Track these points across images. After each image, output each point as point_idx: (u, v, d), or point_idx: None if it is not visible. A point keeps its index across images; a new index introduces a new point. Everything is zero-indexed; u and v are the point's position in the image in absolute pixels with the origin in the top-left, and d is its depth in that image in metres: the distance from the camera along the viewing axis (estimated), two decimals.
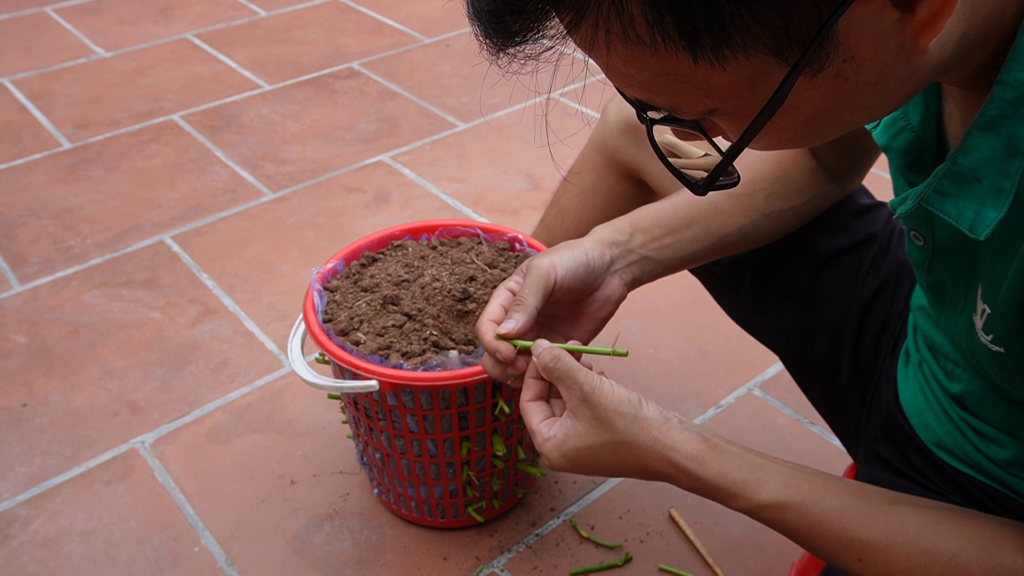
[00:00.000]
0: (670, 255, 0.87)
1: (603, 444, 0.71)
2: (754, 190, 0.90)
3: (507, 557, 1.19)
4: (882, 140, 0.68)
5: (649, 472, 0.71)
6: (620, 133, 1.11)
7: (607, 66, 0.51)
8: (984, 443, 0.75)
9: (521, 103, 2.26)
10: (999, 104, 0.54)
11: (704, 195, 0.59)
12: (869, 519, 0.67)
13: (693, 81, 0.49)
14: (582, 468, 0.73)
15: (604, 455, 0.72)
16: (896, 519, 0.66)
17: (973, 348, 0.66)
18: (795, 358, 1.03)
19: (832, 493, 0.68)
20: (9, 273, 1.70)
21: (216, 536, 1.22)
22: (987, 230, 0.56)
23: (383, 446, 1.12)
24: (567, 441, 0.72)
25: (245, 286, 1.67)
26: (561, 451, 0.72)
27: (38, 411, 1.41)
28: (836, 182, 0.93)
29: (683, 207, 0.89)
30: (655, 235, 0.87)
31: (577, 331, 0.85)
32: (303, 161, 2.04)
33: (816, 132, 0.54)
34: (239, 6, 2.79)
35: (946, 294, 0.70)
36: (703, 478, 0.69)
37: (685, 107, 0.52)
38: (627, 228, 0.86)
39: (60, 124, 2.18)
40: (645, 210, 0.89)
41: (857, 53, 0.47)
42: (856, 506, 0.68)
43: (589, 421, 0.71)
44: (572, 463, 0.73)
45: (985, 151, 0.55)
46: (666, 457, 0.70)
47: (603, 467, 0.73)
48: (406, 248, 1.21)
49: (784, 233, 0.94)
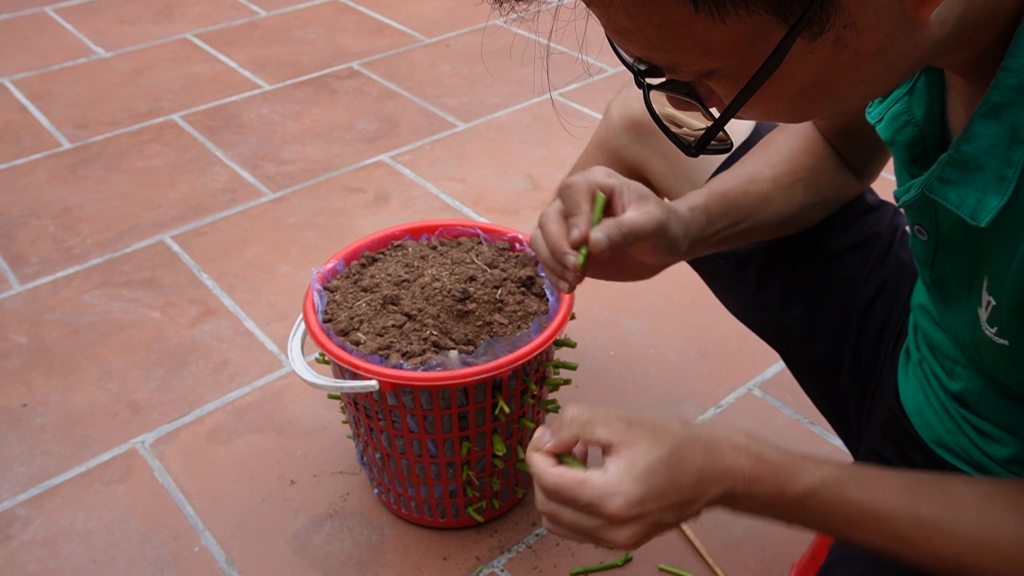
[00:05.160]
0: (717, 240, 0.86)
1: (671, 452, 0.64)
2: (796, 180, 0.89)
3: (507, 557, 1.19)
4: (886, 134, 0.68)
5: (714, 472, 0.65)
6: (623, 131, 1.11)
7: (609, 19, 0.50)
8: (984, 441, 0.75)
9: (521, 103, 2.26)
10: (1002, 91, 0.54)
11: (695, 156, 0.58)
12: (932, 496, 0.64)
13: (692, 36, 0.49)
14: (658, 495, 0.63)
15: (673, 465, 0.64)
16: (955, 496, 0.64)
17: (976, 343, 0.66)
18: (796, 356, 1.03)
19: (885, 474, 0.66)
20: (9, 273, 1.70)
21: (216, 536, 1.22)
22: (988, 217, 0.56)
23: (383, 446, 1.12)
24: (634, 465, 0.63)
25: (245, 286, 1.67)
26: (634, 474, 0.62)
27: (38, 411, 1.41)
28: (856, 175, 0.93)
29: (742, 196, 0.86)
30: (722, 225, 0.85)
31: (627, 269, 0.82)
32: (303, 161, 2.04)
33: (812, 102, 0.54)
34: (239, 6, 2.79)
35: (950, 289, 0.70)
36: (765, 456, 0.66)
37: (683, 65, 0.52)
38: (702, 218, 0.84)
39: (60, 124, 2.18)
40: (718, 194, 0.86)
41: (858, 19, 0.47)
42: (915, 484, 0.65)
43: (645, 436, 0.64)
44: (648, 490, 0.62)
45: (988, 138, 0.56)
46: (727, 442, 0.66)
47: (675, 485, 0.64)
48: (406, 248, 1.21)
49: (810, 225, 0.94)
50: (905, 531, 0.65)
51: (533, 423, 1.14)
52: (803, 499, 0.66)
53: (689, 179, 1.04)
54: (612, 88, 2.30)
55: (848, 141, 0.90)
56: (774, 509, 0.67)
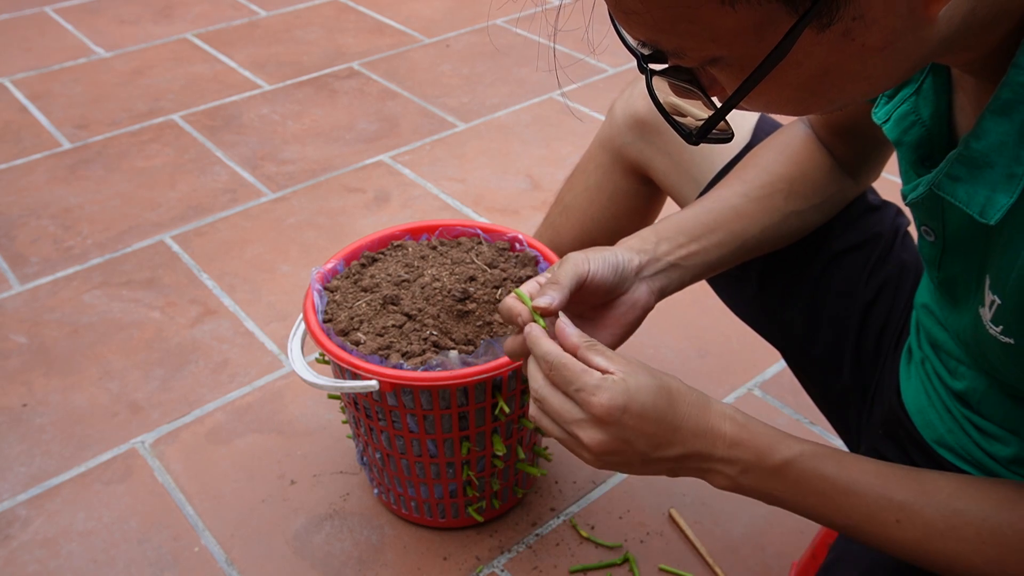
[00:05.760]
0: (697, 261, 0.87)
1: (661, 387, 0.68)
2: (773, 191, 0.90)
3: (507, 557, 1.19)
4: (893, 135, 0.68)
5: (697, 426, 0.68)
6: (627, 129, 1.11)
7: (617, 1, 0.51)
8: (986, 441, 0.75)
9: (521, 103, 2.26)
10: (1014, 88, 0.54)
11: (697, 144, 0.58)
12: (904, 481, 0.67)
13: (701, 20, 0.49)
14: (638, 414, 0.66)
15: (661, 397, 0.67)
16: (928, 483, 0.67)
17: (980, 342, 0.66)
18: (797, 355, 1.03)
19: (863, 459, 0.69)
20: (9, 273, 1.70)
21: (216, 536, 1.22)
22: (998, 215, 0.56)
23: (383, 446, 1.12)
24: (627, 381, 0.66)
25: (245, 286, 1.67)
26: (624, 386, 0.66)
27: (38, 411, 1.41)
28: (852, 177, 0.93)
29: (704, 214, 0.89)
30: (680, 242, 0.86)
31: (604, 335, 0.83)
32: (303, 161, 2.04)
33: (814, 97, 0.54)
34: (239, 6, 2.79)
35: (958, 289, 0.70)
36: (749, 426, 0.69)
37: (689, 51, 0.52)
38: (652, 237, 0.86)
39: (60, 124, 2.18)
40: (668, 220, 0.89)
41: (867, 13, 0.47)
42: (889, 469, 0.68)
43: (645, 368, 0.69)
44: (631, 403, 0.66)
45: (998, 136, 0.55)
46: (716, 406, 0.69)
47: (657, 414, 0.67)
48: (406, 248, 1.21)
49: (807, 231, 0.94)
50: (875, 511, 0.67)
51: (533, 423, 1.14)
52: (780, 468, 0.68)
53: (692, 177, 1.04)
54: (612, 88, 2.30)
55: (845, 140, 0.90)
56: (752, 478, 0.69)
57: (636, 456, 0.68)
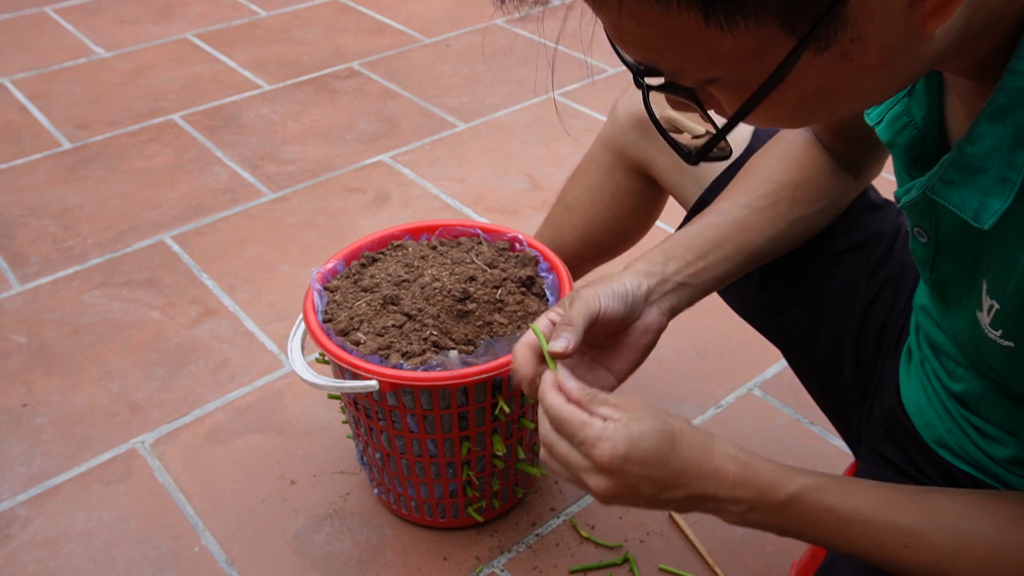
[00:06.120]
0: (706, 277, 0.87)
1: (664, 431, 0.68)
2: (777, 199, 0.90)
3: (507, 557, 1.19)
4: (886, 136, 0.68)
5: (700, 468, 0.69)
6: (630, 129, 1.11)
7: (615, 24, 0.50)
8: (985, 441, 0.75)
9: (521, 103, 2.26)
10: (1008, 92, 0.54)
11: (696, 164, 0.58)
12: (909, 504, 0.67)
13: (699, 45, 0.49)
14: (641, 461, 0.67)
15: (664, 442, 0.68)
16: (933, 504, 0.67)
17: (978, 345, 0.66)
18: (798, 354, 1.03)
19: (866, 484, 0.69)
20: (9, 273, 1.70)
21: (216, 536, 1.22)
22: (991, 220, 0.56)
23: (383, 446, 1.12)
24: (630, 427, 0.67)
25: (245, 286, 1.67)
26: (626, 433, 0.67)
27: (38, 411, 1.41)
28: (854, 176, 0.93)
29: (709, 229, 0.89)
30: (688, 260, 0.86)
31: (619, 362, 0.83)
32: (303, 161, 2.04)
33: (813, 111, 0.54)
34: (239, 6, 2.80)
35: (950, 291, 0.70)
36: (751, 464, 0.69)
37: (687, 71, 0.52)
38: (659, 258, 0.86)
39: (60, 124, 2.18)
40: (674, 238, 0.89)
41: (865, 34, 0.47)
42: (893, 493, 0.68)
43: (648, 410, 0.69)
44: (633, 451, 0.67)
45: (992, 140, 0.55)
46: (719, 447, 0.70)
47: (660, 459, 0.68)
48: (406, 248, 1.21)
49: (813, 234, 0.94)
50: (883, 537, 0.67)
51: (533, 423, 1.14)
52: (785, 505, 0.69)
53: (695, 177, 1.04)
54: (613, 88, 2.30)
55: (845, 141, 0.90)
56: (758, 515, 0.70)
57: (643, 498, 0.69)
